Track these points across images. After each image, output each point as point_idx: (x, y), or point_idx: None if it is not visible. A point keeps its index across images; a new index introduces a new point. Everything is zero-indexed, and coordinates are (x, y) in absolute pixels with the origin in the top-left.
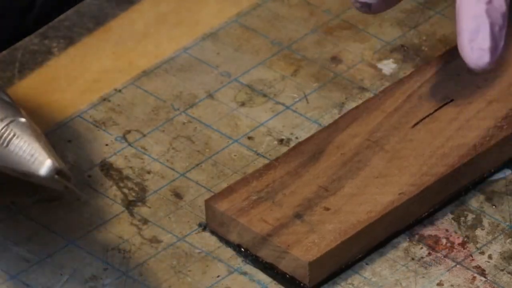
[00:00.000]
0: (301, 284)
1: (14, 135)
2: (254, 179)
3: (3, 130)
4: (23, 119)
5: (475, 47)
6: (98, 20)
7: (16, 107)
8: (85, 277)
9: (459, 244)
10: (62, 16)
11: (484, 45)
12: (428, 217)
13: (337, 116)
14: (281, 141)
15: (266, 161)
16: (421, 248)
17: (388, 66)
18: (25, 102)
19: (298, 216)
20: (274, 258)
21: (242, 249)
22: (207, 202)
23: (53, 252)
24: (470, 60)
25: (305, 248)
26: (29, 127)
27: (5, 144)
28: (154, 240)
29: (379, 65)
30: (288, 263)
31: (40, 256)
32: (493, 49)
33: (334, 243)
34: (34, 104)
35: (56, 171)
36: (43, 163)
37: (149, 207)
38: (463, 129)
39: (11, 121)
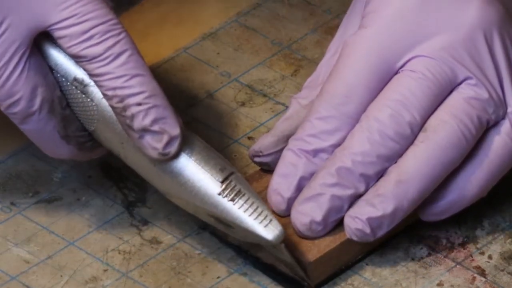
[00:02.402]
0: (301, 284)
1: (239, 191)
2: (254, 180)
3: (226, 183)
4: (239, 174)
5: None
6: None
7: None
8: (85, 278)
9: (459, 244)
10: None
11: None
12: None
13: None
14: None
15: None
16: (421, 248)
17: None
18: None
19: None
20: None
21: (242, 250)
22: None
23: (53, 253)
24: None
25: (305, 248)
26: (246, 182)
27: (230, 199)
28: (154, 241)
29: None
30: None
31: (40, 257)
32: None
33: (334, 244)
34: None
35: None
36: (273, 230)
37: (149, 208)
38: None
39: (232, 173)
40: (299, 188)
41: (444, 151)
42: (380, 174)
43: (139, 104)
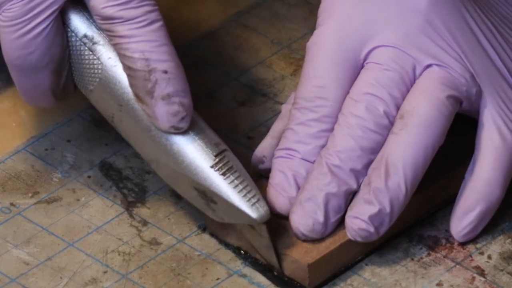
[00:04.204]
0: (301, 286)
1: (231, 167)
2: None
3: (219, 157)
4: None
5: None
6: None
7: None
8: (84, 280)
9: (458, 244)
10: None
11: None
12: (428, 218)
13: None
14: None
15: None
16: (421, 248)
17: None
18: (25, 102)
19: None
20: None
21: (242, 252)
22: None
23: (52, 255)
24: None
25: (304, 250)
26: (238, 161)
27: (221, 173)
28: (154, 242)
29: None
30: (287, 265)
31: (39, 258)
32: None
33: (333, 245)
34: None
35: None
36: (259, 209)
37: (149, 208)
38: None
39: (226, 150)
40: (298, 187)
41: (425, 133)
42: (368, 168)
43: (165, 72)
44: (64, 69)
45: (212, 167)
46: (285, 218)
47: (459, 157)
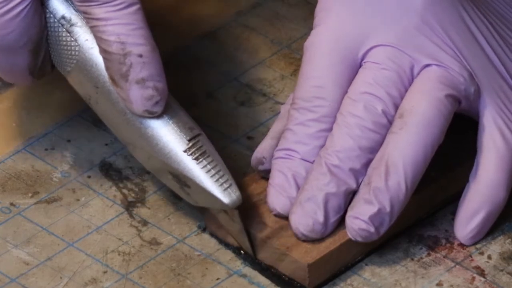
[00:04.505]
0: (301, 286)
1: (204, 152)
2: (253, 182)
3: (193, 142)
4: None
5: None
6: None
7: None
8: (84, 280)
9: (458, 244)
10: None
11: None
12: (428, 218)
13: None
14: None
15: None
16: (421, 248)
17: None
18: (24, 102)
19: None
20: (273, 260)
21: (242, 252)
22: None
23: (52, 255)
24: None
25: (304, 250)
26: (212, 146)
27: (194, 158)
28: (154, 242)
29: None
30: (287, 265)
31: (39, 258)
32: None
33: (333, 245)
34: (33, 103)
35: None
36: (231, 194)
37: (149, 208)
38: None
39: (200, 134)
40: (298, 187)
41: (425, 132)
42: (367, 167)
43: (140, 55)
44: (42, 50)
45: (185, 151)
46: (286, 218)
47: (458, 157)
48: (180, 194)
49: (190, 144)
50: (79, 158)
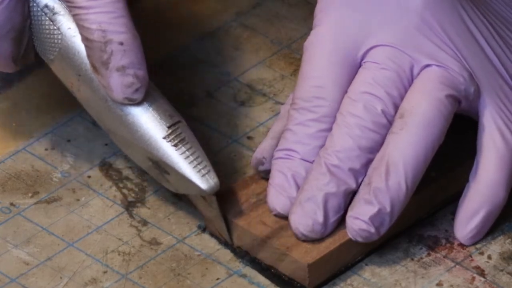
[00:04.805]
0: (301, 286)
1: (183, 139)
2: (253, 182)
3: (172, 129)
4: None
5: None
6: None
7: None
8: (84, 280)
9: (458, 244)
10: None
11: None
12: (428, 218)
13: None
14: None
15: None
16: (421, 248)
17: None
18: (25, 102)
19: None
20: (273, 260)
21: (242, 252)
22: None
23: (52, 255)
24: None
25: (304, 250)
26: (192, 133)
27: (173, 144)
28: (154, 242)
29: None
30: (287, 265)
31: (39, 258)
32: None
33: (333, 245)
34: (33, 103)
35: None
36: (208, 181)
37: (149, 208)
38: None
39: (179, 121)
40: (298, 187)
41: (425, 132)
42: (367, 167)
43: (121, 43)
44: (25, 38)
45: (164, 138)
46: (286, 218)
47: (458, 157)
48: (160, 181)
49: (170, 131)
50: (79, 158)
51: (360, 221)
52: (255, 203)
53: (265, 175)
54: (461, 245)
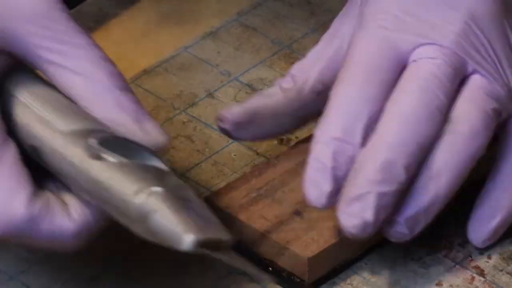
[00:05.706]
0: (300, 280)
1: (152, 210)
2: (254, 176)
3: (140, 204)
4: (160, 189)
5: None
6: (98, 20)
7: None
8: (84, 279)
9: (458, 244)
10: None
11: (324, 188)
12: None
13: None
14: (281, 140)
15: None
16: (421, 248)
17: None
18: None
19: (297, 213)
20: (273, 254)
21: (242, 249)
22: (206, 199)
23: (52, 253)
24: (308, 196)
25: (304, 244)
26: (169, 198)
27: (143, 220)
28: None
29: None
30: (287, 259)
31: (39, 257)
32: (333, 193)
33: (333, 240)
34: None
35: (200, 244)
36: (182, 238)
37: None
38: None
39: (149, 194)
40: (336, 180)
41: (471, 142)
42: (420, 165)
43: None
44: None
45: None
46: (284, 214)
47: None
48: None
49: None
50: None
51: (395, 222)
52: (256, 197)
53: (222, 132)
54: (461, 245)
